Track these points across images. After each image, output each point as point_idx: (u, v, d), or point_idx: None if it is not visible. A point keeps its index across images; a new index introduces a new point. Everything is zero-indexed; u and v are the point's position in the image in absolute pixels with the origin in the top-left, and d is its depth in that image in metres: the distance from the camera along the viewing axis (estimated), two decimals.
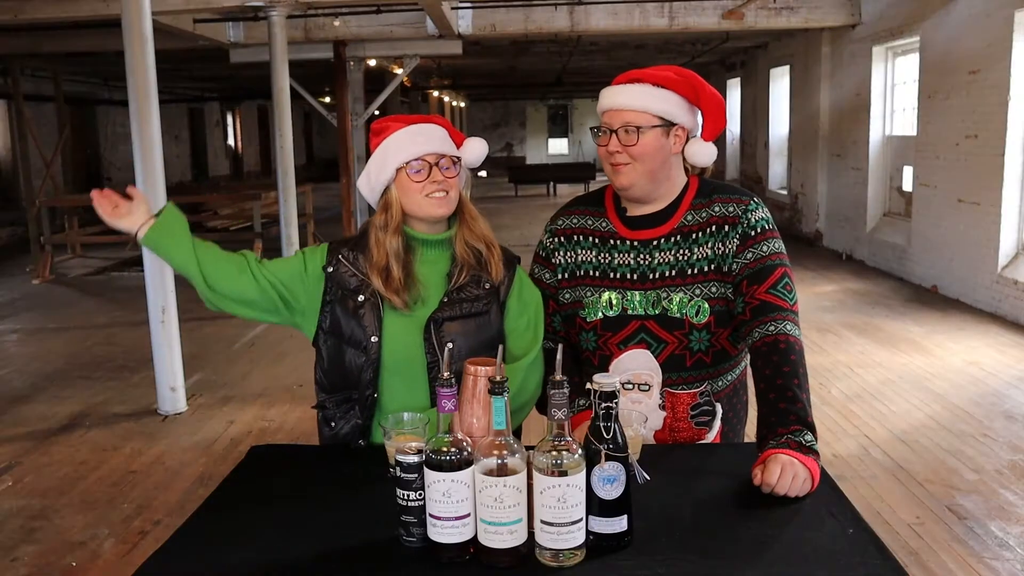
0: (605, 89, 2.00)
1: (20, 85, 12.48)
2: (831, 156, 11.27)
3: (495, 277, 1.97)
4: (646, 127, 1.92)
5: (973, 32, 7.57)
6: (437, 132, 1.96)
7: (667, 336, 1.95)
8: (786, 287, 1.91)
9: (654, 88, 1.94)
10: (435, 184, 1.91)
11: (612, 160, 1.95)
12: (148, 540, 3.65)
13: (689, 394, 1.98)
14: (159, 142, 5.27)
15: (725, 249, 1.94)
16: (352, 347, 1.95)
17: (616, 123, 1.94)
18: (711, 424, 2.00)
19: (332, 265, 1.98)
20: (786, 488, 1.62)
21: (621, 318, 1.98)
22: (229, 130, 25.05)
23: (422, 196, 1.91)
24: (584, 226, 2.06)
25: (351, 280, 1.96)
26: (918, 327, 7.02)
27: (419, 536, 1.49)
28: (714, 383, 2.00)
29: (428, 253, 1.98)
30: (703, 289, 1.94)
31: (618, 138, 1.93)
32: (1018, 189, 7.16)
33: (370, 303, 1.93)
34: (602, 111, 1.98)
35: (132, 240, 1.98)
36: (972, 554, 3.37)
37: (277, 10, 8.01)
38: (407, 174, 1.91)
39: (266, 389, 5.80)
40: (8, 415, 5.44)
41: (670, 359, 1.96)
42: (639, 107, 1.92)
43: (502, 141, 32.89)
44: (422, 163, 1.91)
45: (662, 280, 1.96)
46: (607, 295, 1.99)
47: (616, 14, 10.04)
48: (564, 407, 1.43)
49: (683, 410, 1.98)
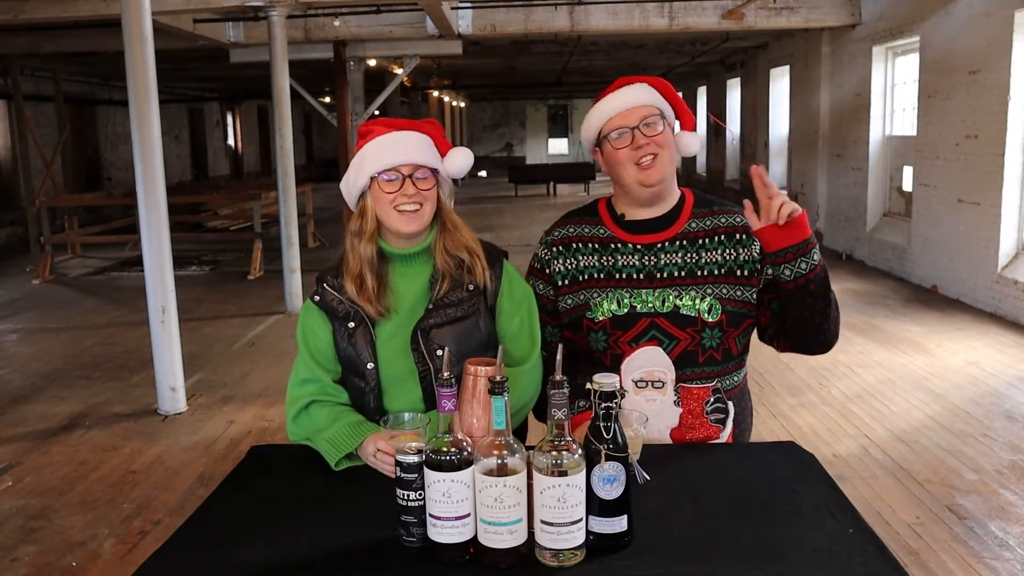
0: (607, 97, 2.02)
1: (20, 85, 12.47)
2: (831, 156, 11.28)
3: (480, 282, 1.94)
4: (660, 118, 1.99)
5: (973, 32, 7.57)
6: (418, 141, 1.92)
7: (679, 333, 1.96)
8: None
9: (648, 86, 2.02)
10: (406, 196, 1.88)
11: (640, 155, 1.96)
12: (148, 540, 3.65)
13: (703, 389, 1.99)
14: (159, 142, 5.27)
15: (739, 255, 1.99)
16: (352, 374, 1.96)
17: (633, 120, 1.96)
18: (725, 422, 2.02)
19: (319, 294, 1.98)
20: (781, 198, 1.81)
21: (630, 316, 1.98)
22: (229, 130, 25.05)
23: (392, 208, 1.89)
24: (582, 234, 2.07)
25: (339, 307, 1.95)
26: (918, 327, 7.02)
27: (419, 536, 1.49)
28: (723, 381, 2.01)
29: (405, 267, 1.96)
30: (714, 289, 1.97)
31: (642, 132, 1.95)
32: (1018, 189, 7.16)
33: (361, 329, 1.92)
34: (608, 118, 2.00)
35: None
36: (972, 554, 3.37)
37: (277, 10, 8.01)
38: (379, 184, 1.89)
39: (266, 389, 5.80)
40: (8, 415, 5.44)
41: (683, 356, 1.97)
42: (649, 102, 2.00)
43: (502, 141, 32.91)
44: (395, 173, 1.88)
45: (671, 279, 1.98)
46: (614, 294, 1.99)
47: (616, 14, 10.04)
48: (564, 407, 1.43)
49: (698, 406, 1.99)
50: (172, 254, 5.43)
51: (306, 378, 1.96)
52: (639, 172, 1.97)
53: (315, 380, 1.96)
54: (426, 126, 1.97)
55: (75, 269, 11.20)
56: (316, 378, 1.96)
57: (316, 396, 1.95)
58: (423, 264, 1.96)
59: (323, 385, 1.95)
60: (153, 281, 5.32)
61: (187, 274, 10.35)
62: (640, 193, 2.00)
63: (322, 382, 1.95)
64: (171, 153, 19.71)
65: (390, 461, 1.69)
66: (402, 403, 1.93)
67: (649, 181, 1.97)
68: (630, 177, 1.98)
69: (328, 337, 1.96)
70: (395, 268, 1.96)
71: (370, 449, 1.80)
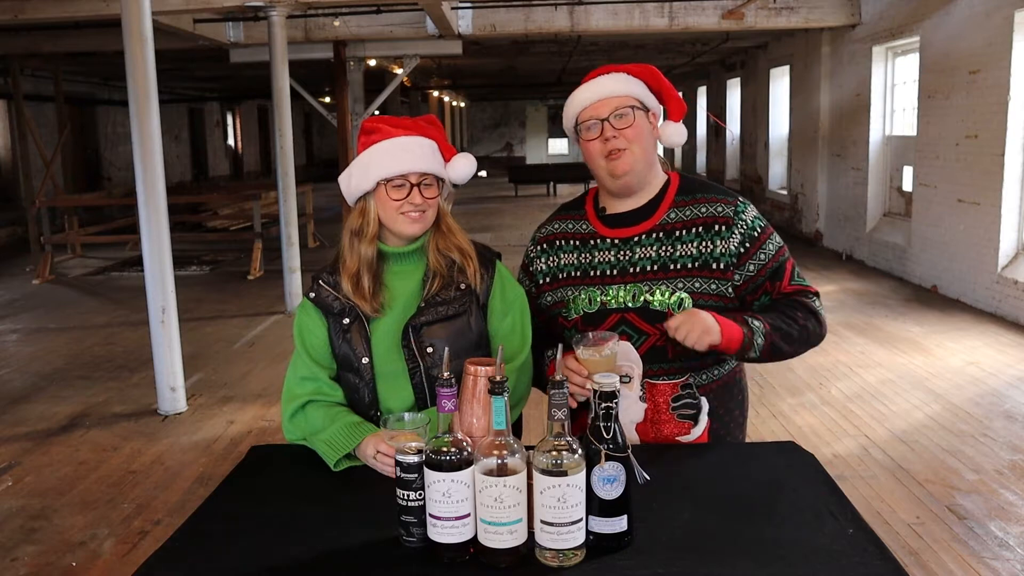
0: (581, 87, 2.02)
1: (20, 85, 12.48)
2: (831, 156, 11.28)
3: (472, 284, 1.95)
4: (635, 109, 1.96)
5: (973, 32, 7.57)
6: (425, 147, 1.93)
7: (648, 328, 1.95)
8: (799, 275, 2.04)
9: (626, 76, 2.00)
10: (412, 205, 1.90)
11: (609, 147, 1.95)
12: (148, 540, 3.65)
13: (669, 385, 1.98)
14: (159, 142, 5.27)
15: (716, 248, 1.96)
16: (347, 371, 1.96)
17: (605, 112, 1.95)
18: (697, 418, 1.99)
19: (314, 291, 1.99)
20: (672, 331, 1.81)
21: (601, 312, 1.99)
22: (229, 130, 25.05)
23: (398, 214, 1.91)
24: (565, 231, 2.09)
25: (334, 304, 1.96)
26: (918, 327, 7.02)
27: (419, 536, 1.49)
28: (697, 376, 2.00)
29: (399, 265, 1.98)
30: (686, 283, 1.95)
31: (611, 124, 1.94)
32: (1018, 189, 7.16)
33: (356, 324, 1.94)
34: (581, 108, 2.00)
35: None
36: (972, 554, 3.37)
37: (277, 10, 8.01)
38: (387, 190, 1.90)
39: (266, 389, 5.80)
40: (8, 415, 5.44)
41: (651, 351, 1.96)
42: (623, 92, 1.98)
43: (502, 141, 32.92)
44: (403, 181, 1.89)
45: (643, 274, 1.97)
46: (587, 292, 2.00)
47: (616, 14, 10.04)
48: (564, 407, 1.43)
49: (664, 402, 1.98)
50: (172, 254, 5.43)
51: (304, 376, 1.98)
52: (607, 163, 1.97)
53: (312, 378, 1.97)
54: (430, 128, 1.98)
55: (75, 269, 11.19)
56: (313, 376, 1.97)
57: (313, 396, 1.96)
58: (417, 263, 1.97)
59: (320, 384, 1.97)
60: (153, 281, 5.32)
61: (187, 274, 10.35)
62: (611, 185, 2.00)
63: (319, 380, 1.97)
64: (171, 153, 19.71)
65: (390, 463, 1.69)
66: (396, 398, 1.94)
67: (616, 172, 1.96)
68: (600, 169, 1.99)
69: (324, 334, 1.98)
70: (390, 266, 1.98)
71: (370, 451, 1.80)
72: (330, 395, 1.97)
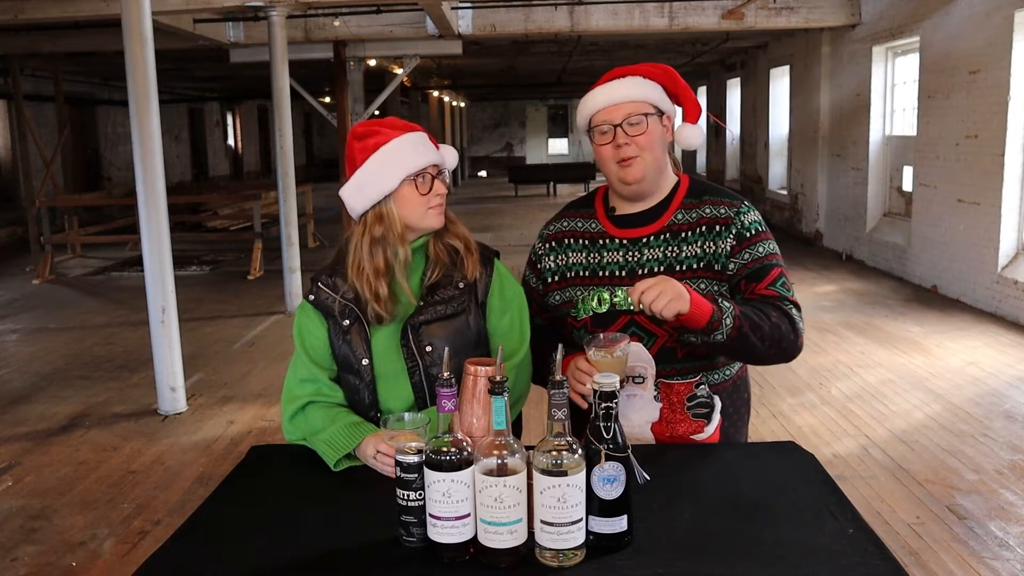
0: (594, 90, 2.00)
1: (20, 85, 12.48)
2: (831, 156, 11.28)
3: (470, 275, 1.95)
4: (649, 116, 1.94)
5: (973, 32, 7.57)
6: (427, 141, 1.94)
7: (656, 329, 1.95)
8: (784, 285, 1.96)
9: (642, 79, 1.97)
10: (439, 196, 1.91)
11: (621, 155, 1.94)
12: (148, 540, 3.65)
13: (685, 384, 1.98)
14: (159, 142, 5.27)
15: (717, 248, 1.95)
16: (347, 371, 1.96)
17: (618, 117, 1.93)
18: (710, 416, 2.00)
19: (313, 293, 1.98)
20: (639, 293, 1.74)
21: (610, 313, 1.98)
22: (229, 130, 25.05)
23: (424, 209, 1.90)
24: (574, 229, 2.08)
25: (333, 305, 1.95)
26: (918, 327, 7.02)
27: (419, 536, 1.49)
28: (710, 375, 2.00)
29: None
30: (692, 284, 1.94)
31: (624, 131, 1.93)
32: (1018, 189, 7.16)
33: (356, 326, 1.93)
34: (594, 111, 1.97)
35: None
36: (972, 554, 3.37)
37: (277, 10, 8.01)
38: (416, 184, 1.89)
39: (266, 389, 5.80)
40: (8, 415, 5.44)
41: (662, 351, 1.96)
42: (638, 97, 1.94)
43: (502, 141, 32.90)
44: (425, 174, 1.90)
45: (651, 275, 1.96)
46: (596, 293, 1.99)
47: (616, 14, 10.04)
48: (564, 407, 1.43)
49: (679, 401, 1.98)
50: (172, 254, 5.43)
51: (304, 377, 1.97)
52: (619, 169, 1.96)
53: (312, 379, 1.97)
54: (415, 123, 2.00)
55: (75, 269, 11.19)
56: (313, 377, 1.97)
57: (313, 397, 1.96)
58: (418, 261, 1.97)
59: (320, 385, 1.96)
60: (153, 281, 5.32)
61: (187, 274, 10.35)
62: (621, 189, 2.00)
63: (319, 381, 1.96)
64: (171, 153, 19.70)
65: (390, 463, 1.69)
66: (396, 398, 1.94)
67: (627, 179, 1.96)
68: (611, 173, 1.99)
69: (324, 335, 1.97)
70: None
71: (370, 451, 1.80)
72: (330, 396, 1.96)
